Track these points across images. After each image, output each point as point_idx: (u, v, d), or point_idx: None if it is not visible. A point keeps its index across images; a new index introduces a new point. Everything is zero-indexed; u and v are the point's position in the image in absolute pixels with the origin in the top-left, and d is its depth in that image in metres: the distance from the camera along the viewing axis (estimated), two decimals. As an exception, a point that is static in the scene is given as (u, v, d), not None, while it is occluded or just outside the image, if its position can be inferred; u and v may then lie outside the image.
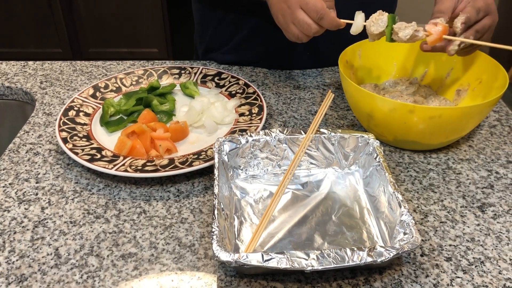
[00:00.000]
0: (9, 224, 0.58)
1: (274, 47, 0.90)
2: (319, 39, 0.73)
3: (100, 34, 2.66)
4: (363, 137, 0.64)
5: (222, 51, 0.95)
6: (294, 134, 0.64)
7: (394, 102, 0.63)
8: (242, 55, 0.93)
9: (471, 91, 0.76)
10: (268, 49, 0.92)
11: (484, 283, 0.51)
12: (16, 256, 0.54)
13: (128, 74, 0.86)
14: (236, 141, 0.64)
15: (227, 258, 0.47)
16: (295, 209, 0.60)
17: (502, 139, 0.74)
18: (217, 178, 0.57)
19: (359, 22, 0.67)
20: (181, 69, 0.88)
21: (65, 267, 0.53)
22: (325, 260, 0.47)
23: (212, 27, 0.94)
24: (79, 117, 0.74)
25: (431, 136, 0.66)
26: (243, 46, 0.93)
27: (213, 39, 0.96)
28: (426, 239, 0.56)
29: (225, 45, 0.94)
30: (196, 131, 0.74)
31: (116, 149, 0.68)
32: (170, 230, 0.58)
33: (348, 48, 0.76)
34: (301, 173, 0.66)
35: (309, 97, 0.84)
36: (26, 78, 0.90)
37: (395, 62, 0.82)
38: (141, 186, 0.64)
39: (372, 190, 0.61)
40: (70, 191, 0.63)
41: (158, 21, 2.60)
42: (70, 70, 0.93)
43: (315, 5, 0.64)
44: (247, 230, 0.57)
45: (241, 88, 0.82)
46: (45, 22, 2.59)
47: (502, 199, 0.63)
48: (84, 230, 0.57)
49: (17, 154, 0.70)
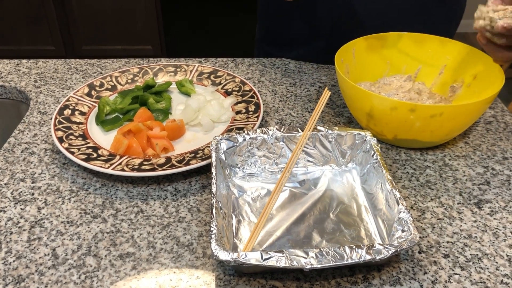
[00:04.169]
0: (5, 225, 0.58)
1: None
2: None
3: (93, 31, 2.64)
4: (360, 135, 0.64)
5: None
6: (291, 132, 0.64)
7: (395, 101, 0.63)
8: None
9: (465, 87, 0.76)
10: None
11: (481, 279, 0.51)
12: (13, 257, 0.54)
13: (123, 72, 0.85)
14: (233, 139, 0.63)
15: (226, 257, 0.47)
16: (293, 207, 0.60)
17: (497, 135, 0.75)
18: (214, 176, 0.57)
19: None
20: (176, 67, 0.88)
21: (62, 267, 0.52)
22: (324, 258, 0.47)
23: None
24: (74, 116, 0.74)
25: (432, 134, 0.66)
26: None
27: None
28: (424, 236, 0.57)
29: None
30: (192, 129, 0.74)
31: (112, 148, 0.68)
32: (168, 229, 0.57)
33: (343, 47, 0.76)
34: (299, 171, 0.66)
35: (305, 95, 0.84)
36: (20, 77, 0.89)
37: (388, 60, 0.82)
38: (138, 185, 0.64)
39: (370, 188, 0.61)
40: (66, 190, 0.63)
41: (151, 18, 2.59)
42: (65, 69, 0.92)
43: None
44: (245, 228, 0.57)
45: (237, 86, 0.82)
46: (37, 20, 2.57)
47: (498, 195, 0.63)
48: (81, 230, 0.57)
49: (12, 154, 0.70)
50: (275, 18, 0.97)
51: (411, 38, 0.81)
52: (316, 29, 0.92)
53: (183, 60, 0.94)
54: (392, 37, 0.81)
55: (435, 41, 0.80)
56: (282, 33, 0.98)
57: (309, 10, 0.90)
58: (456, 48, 0.78)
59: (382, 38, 0.81)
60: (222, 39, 3.08)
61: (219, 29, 3.17)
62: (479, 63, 0.74)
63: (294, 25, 0.95)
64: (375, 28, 0.83)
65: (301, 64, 0.95)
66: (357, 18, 0.88)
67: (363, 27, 0.87)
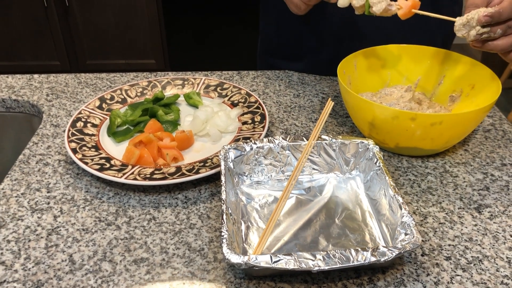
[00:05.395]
0: (24, 232, 0.60)
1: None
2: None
3: (97, 46, 2.69)
4: (363, 143, 0.66)
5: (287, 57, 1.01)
6: (296, 141, 0.67)
7: (396, 111, 0.66)
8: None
9: (464, 96, 0.79)
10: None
11: (482, 281, 0.53)
12: (32, 263, 0.56)
13: (133, 86, 0.88)
14: (241, 149, 0.66)
15: (237, 260, 0.49)
16: (300, 213, 0.62)
17: (496, 142, 0.77)
18: (224, 184, 0.59)
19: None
20: (184, 80, 0.91)
21: (79, 272, 0.55)
22: (331, 261, 0.49)
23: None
24: (87, 128, 0.77)
25: (432, 142, 0.68)
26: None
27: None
28: (426, 240, 0.59)
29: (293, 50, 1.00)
30: (201, 140, 0.76)
31: (124, 158, 0.70)
32: (180, 235, 0.60)
33: (345, 59, 0.79)
34: (304, 178, 0.68)
35: (309, 105, 0.87)
36: (33, 91, 0.92)
37: (388, 71, 0.85)
38: (149, 194, 0.66)
39: (373, 194, 0.63)
40: (81, 199, 0.65)
41: (154, 32, 2.64)
42: (75, 83, 0.95)
43: None
44: (254, 234, 0.59)
45: (243, 98, 0.85)
46: (42, 35, 2.62)
47: (497, 200, 0.65)
48: (96, 237, 0.59)
49: (28, 165, 0.72)
50: (277, 31, 1.01)
51: (410, 50, 0.84)
52: (319, 41, 0.95)
53: (190, 74, 0.97)
54: (393, 49, 0.84)
55: (434, 52, 0.82)
56: (285, 45, 1.01)
57: (313, 23, 0.93)
58: (454, 59, 0.81)
59: (383, 49, 0.84)
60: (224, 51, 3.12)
61: (221, 41, 3.21)
62: (476, 73, 0.77)
63: (297, 38, 0.98)
64: (376, 40, 0.86)
65: (304, 76, 0.98)
66: (359, 31, 0.91)
67: (364, 39, 0.90)
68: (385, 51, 0.84)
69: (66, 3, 2.52)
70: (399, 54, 0.84)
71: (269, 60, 1.06)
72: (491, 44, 0.65)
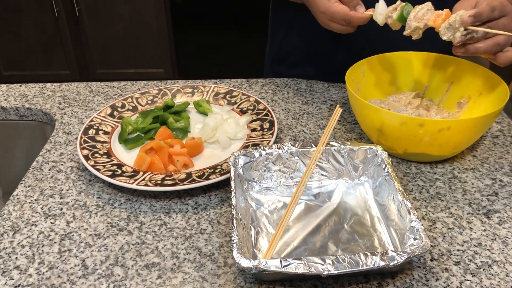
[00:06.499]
0: (37, 238, 0.61)
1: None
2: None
3: (107, 55, 2.72)
4: (371, 149, 0.67)
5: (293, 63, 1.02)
6: (305, 147, 0.68)
7: (404, 117, 0.66)
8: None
9: (472, 103, 0.79)
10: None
11: (492, 285, 0.54)
12: (46, 268, 0.57)
13: (144, 94, 0.89)
14: (250, 155, 0.67)
15: (247, 264, 0.50)
16: (309, 219, 0.63)
17: (504, 148, 0.77)
18: (234, 189, 0.60)
19: (381, 10, 0.73)
20: (193, 88, 0.92)
21: (92, 277, 0.56)
22: (340, 265, 0.50)
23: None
24: (98, 135, 0.78)
25: (440, 147, 0.69)
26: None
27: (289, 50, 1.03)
28: (435, 245, 0.59)
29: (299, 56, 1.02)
30: (210, 147, 0.77)
31: (135, 165, 0.71)
32: (190, 240, 0.60)
33: (353, 66, 0.80)
34: (313, 184, 0.69)
35: (317, 112, 0.88)
36: (45, 100, 0.94)
37: (396, 78, 0.86)
38: (160, 200, 0.67)
39: (382, 199, 0.63)
40: (93, 205, 0.67)
41: (163, 42, 2.67)
42: (87, 91, 0.97)
43: (339, 14, 0.74)
44: (264, 239, 0.60)
45: (252, 105, 0.86)
46: (53, 45, 2.66)
47: (506, 205, 0.65)
48: (109, 242, 0.60)
49: (41, 172, 0.73)
50: (287, 38, 1.02)
51: (418, 56, 0.84)
52: (328, 49, 0.96)
53: (199, 82, 0.98)
54: (401, 56, 0.85)
55: (442, 59, 0.83)
56: (294, 52, 1.02)
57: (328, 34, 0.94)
58: (462, 65, 0.81)
59: (391, 56, 0.84)
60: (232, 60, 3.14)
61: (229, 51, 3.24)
62: (484, 80, 0.77)
63: (307, 45, 0.99)
64: (384, 46, 0.87)
65: (312, 83, 0.99)
66: (369, 39, 0.91)
67: (373, 46, 0.91)
68: (393, 58, 0.85)
69: (76, 13, 2.56)
70: (407, 61, 0.85)
71: (276, 68, 1.07)
72: (472, 47, 0.67)
